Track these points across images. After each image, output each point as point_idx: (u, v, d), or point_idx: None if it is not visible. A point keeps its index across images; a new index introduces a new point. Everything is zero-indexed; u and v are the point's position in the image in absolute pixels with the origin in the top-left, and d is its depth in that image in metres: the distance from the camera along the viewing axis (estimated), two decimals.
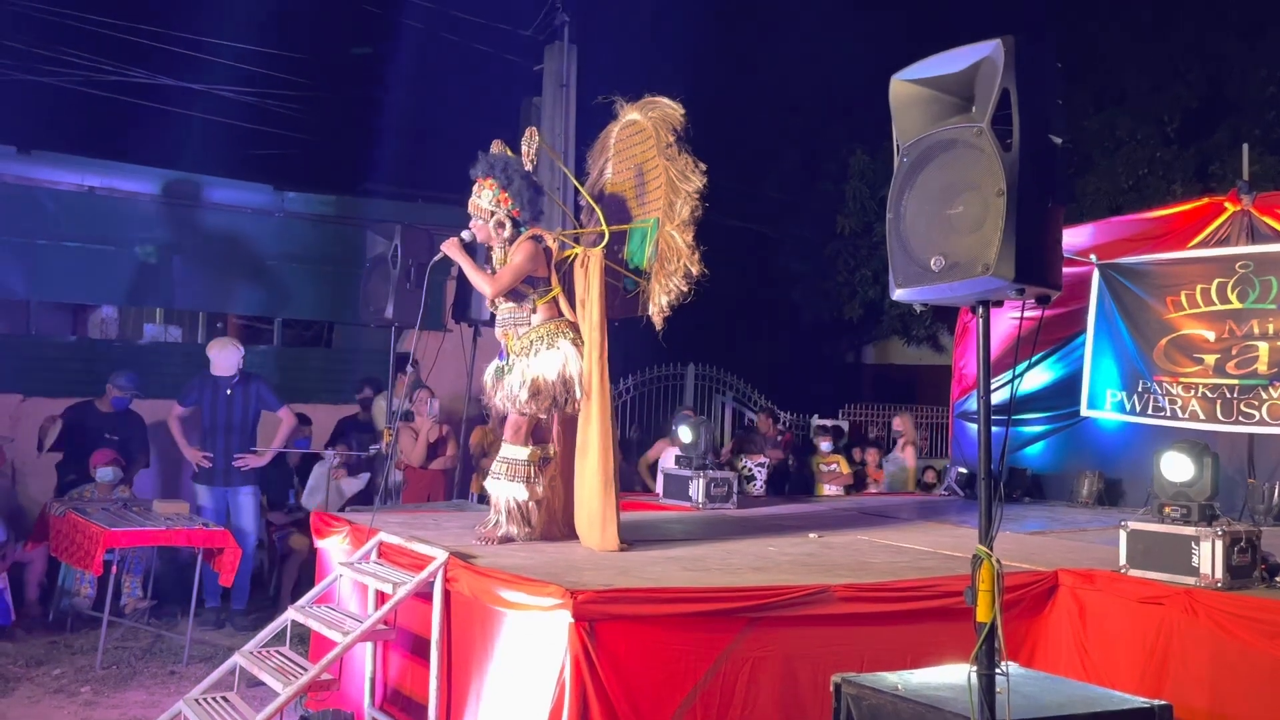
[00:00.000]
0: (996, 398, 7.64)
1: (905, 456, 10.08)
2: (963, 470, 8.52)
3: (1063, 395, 8.34)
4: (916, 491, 9.76)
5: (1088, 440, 8.25)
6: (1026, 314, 3.10)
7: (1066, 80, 12.67)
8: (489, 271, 5.05)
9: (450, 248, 5.02)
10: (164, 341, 10.51)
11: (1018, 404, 8.46)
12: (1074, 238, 7.99)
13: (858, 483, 10.28)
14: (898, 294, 3.06)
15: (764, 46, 15.22)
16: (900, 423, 10.46)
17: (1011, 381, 7.07)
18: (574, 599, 3.60)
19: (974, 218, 2.83)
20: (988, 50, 2.83)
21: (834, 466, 10.20)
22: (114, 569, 6.79)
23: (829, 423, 12.49)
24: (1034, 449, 8.64)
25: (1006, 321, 7.04)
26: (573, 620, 3.59)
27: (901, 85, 3.09)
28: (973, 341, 7.54)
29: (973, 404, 8.62)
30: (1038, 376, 8.47)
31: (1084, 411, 8.11)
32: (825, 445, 10.56)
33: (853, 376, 19.06)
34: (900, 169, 3.07)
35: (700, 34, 14.01)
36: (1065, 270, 8.07)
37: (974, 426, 8.41)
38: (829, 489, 9.83)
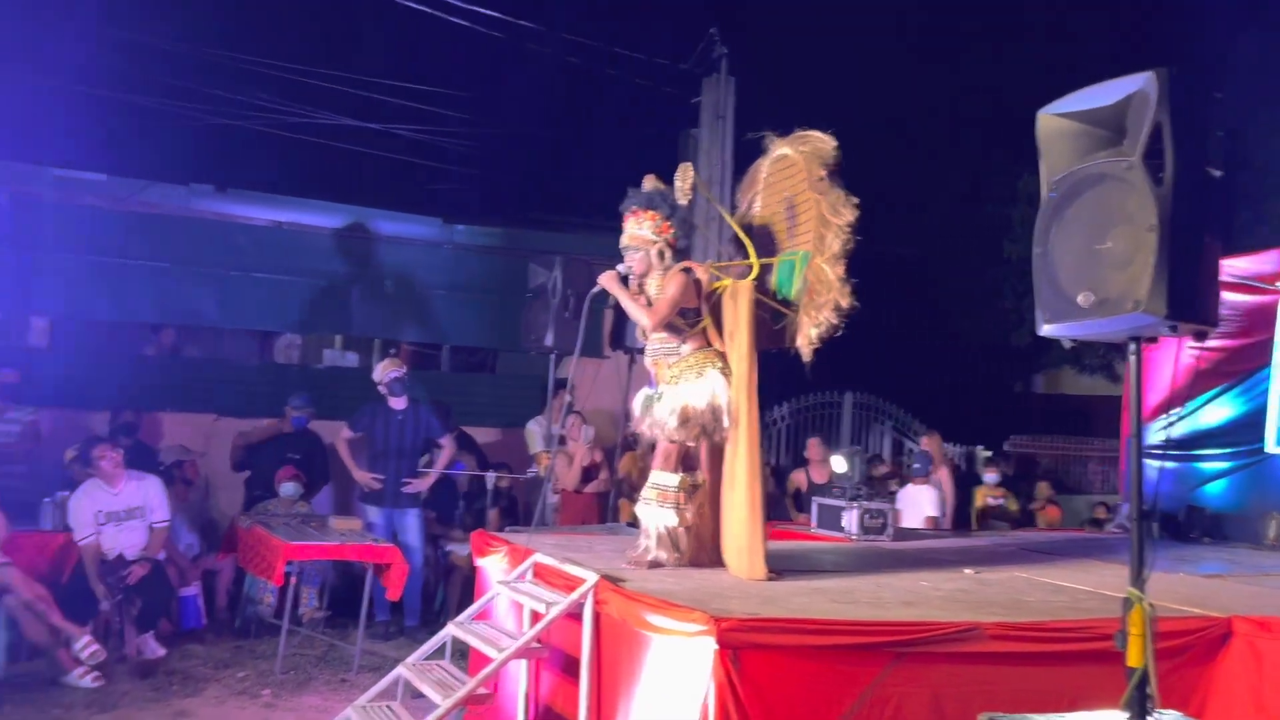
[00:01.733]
0: (1169, 433, 7.35)
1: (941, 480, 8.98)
2: None
3: (1247, 430, 7.85)
4: (1042, 528, 9.32)
5: (1276, 479, 7.75)
6: (1191, 347, 3.00)
7: (1261, 98, 11.95)
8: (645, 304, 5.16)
9: (608, 281, 5.07)
10: (341, 366, 11.11)
11: (1197, 439, 8.04)
12: (1260, 265, 7.57)
13: (1024, 518, 9.93)
14: (1045, 329, 3.02)
15: (925, 70, 14.99)
16: (928, 442, 9.51)
17: (1176, 419, 6.72)
18: (718, 626, 3.63)
19: (1124, 253, 2.77)
20: (1140, 83, 2.77)
21: (1001, 501, 9.88)
22: (293, 580, 7.17)
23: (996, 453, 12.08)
24: (1215, 487, 8.16)
25: (1187, 353, 6.72)
26: (717, 647, 3.62)
27: (1049, 119, 3.05)
28: (1145, 373, 7.24)
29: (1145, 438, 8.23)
30: (1219, 411, 8.02)
31: (1270, 448, 7.62)
32: (990, 477, 10.25)
33: (1020, 406, 18.35)
34: (1048, 203, 3.03)
35: (860, 60, 13.91)
36: (1248, 299, 7.63)
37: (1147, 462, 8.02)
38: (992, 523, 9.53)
